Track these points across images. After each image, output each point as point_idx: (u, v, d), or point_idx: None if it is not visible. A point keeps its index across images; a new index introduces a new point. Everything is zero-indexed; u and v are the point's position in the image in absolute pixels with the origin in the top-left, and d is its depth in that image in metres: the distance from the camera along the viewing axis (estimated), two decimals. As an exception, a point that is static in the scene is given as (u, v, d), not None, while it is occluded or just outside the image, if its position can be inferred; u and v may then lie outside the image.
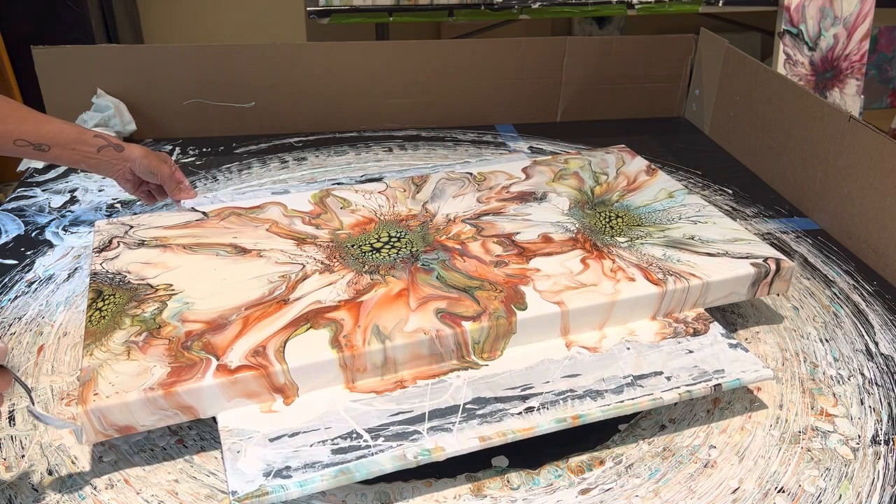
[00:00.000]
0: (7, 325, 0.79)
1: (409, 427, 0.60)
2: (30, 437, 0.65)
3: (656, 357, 0.69)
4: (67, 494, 0.59)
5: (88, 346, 0.64)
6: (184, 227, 0.82)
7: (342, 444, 0.58)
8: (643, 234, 0.83)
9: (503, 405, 0.63)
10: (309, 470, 0.56)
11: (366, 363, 0.64)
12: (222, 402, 0.61)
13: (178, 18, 1.96)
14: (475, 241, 0.80)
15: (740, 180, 1.17)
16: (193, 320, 0.67)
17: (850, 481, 0.62)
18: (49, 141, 0.76)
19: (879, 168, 0.92)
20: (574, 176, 0.96)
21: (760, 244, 0.81)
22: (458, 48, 1.32)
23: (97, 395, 0.58)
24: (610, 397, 0.64)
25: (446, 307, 0.69)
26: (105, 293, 0.71)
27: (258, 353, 0.63)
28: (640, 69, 1.38)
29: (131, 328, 0.66)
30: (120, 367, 0.61)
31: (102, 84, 1.20)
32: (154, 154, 0.88)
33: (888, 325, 0.83)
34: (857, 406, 0.71)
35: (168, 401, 0.59)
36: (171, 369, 0.61)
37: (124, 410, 0.58)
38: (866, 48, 1.60)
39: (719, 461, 0.64)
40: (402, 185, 0.93)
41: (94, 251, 0.77)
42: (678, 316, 0.74)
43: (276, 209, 0.86)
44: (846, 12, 1.57)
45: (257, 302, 0.70)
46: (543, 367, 0.67)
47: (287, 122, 1.29)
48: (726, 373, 0.67)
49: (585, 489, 0.61)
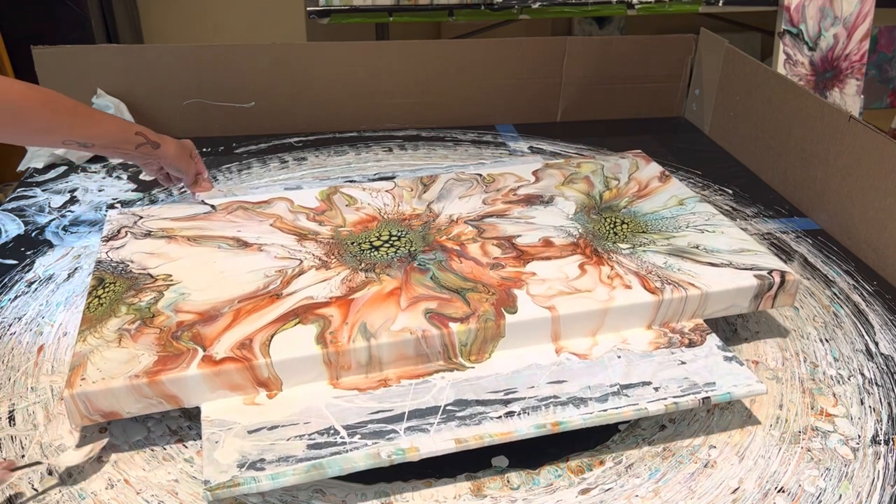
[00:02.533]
0: (7, 325, 0.79)
1: (387, 426, 0.60)
2: (30, 437, 0.65)
3: (647, 367, 0.67)
4: (67, 494, 0.59)
5: (83, 332, 0.65)
6: (190, 219, 0.84)
7: (318, 440, 0.59)
8: (647, 241, 0.81)
9: (484, 408, 0.62)
10: (282, 463, 0.57)
11: (350, 360, 0.65)
12: (206, 392, 0.62)
13: (178, 18, 1.96)
14: (475, 243, 0.80)
15: (740, 180, 1.17)
16: (187, 311, 0.68)
17: (850, 481, 0.62)
18: (94, 140, 0.80)
19: (879, 168, 0.92)
20: (584, 180, 0.95)
21: (767, 256, 0.79)
22: (458, 48, 1.32)
23: (84, 380, 0.60)
24: (593, 405, 0.63)
25: (436, 308, 0.69)
26: (106, 281, 0.72)
27: (244, 345, 0.64)
28: (640, 69, 1.38)
29: (126, 316, 0.67)
30: (110, 354, 0.63)
31: (102, 84, 1.20)
32: (184, 151, 0.91)
33: (888, 325, 0.83)
34: (857, 406, 0.71)
35: (152, 389, 0.60)
36: (157, 358, 0.62)
37: (109, 396, 0.60)
38: (866, 48, 1.60)
39: (719, 461, 0.64)
40: (410, 185, 0.93)
41: (103, 240, 0.79)
42: (675, 326, 0.73)
43: (282, 204, 0.88)
44: (846, 12, 1.57)
45: (251, 295, 0.70)
46: (530, 371, 0.67)
47: (287, 122, 1.29)
48: (717, 386, 0.65)
49: (585, 489, 0.61)
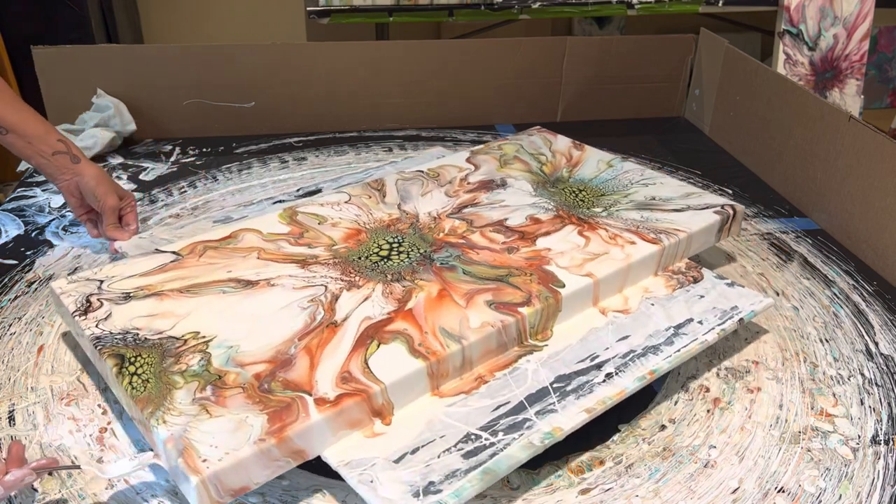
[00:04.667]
0: (7, 325, 0.79)
1: (517, 417, 0.61)
2: (30, 437, 0.65)
3: (680, 307, 0.75)
4: (67, 494, 0.59)
5: (153, 413, 0.57)
6: (163, 270, 0.75)
7: (467, 448, 0.58)
8: (612, 202, 0.89)
9: (584, 377, 0.66)
10: (453, 479, 0.55)
11: (448, 367, 0.64)
12: (329, 437, 0.58)
13: (178, 18, 1.96)
14: (473, 234, 0.82)
15: (740, 180, 1.17)
16: (251, 362, 0.62)
17: (850, 481, 0.62)
18: (10, 126, 0.74)
19: (879, 168, 0.92)
20: (516, 160, 1.00)
21: (709, 195, 0.91)
22: (458, 48, 1.32)
23: (206, 461, 0.52)
24: (666, 349, 0.69)
25: (493, 298, 0.70)
26: (128, 357, 0.63)
27: (346, 378, 0.60)
28: (640, 69, 1.38)
29: (188, 385, 0.59)
30: (208, 427, 0.55)
31: (102, 84, 1.20)
32: (110, 183, 0.84)
33: (888, 325, 0.83)
34: (857, 406, 0.71)
35: (280, 448, 0.55)
36: (268, 415, 0.56)
37: (239, 470, 0.53)
38: (866, 48, 1.60)
39: (719, 461, 0.64)
40: (364, 192, 0.91)
41: (76, 314, 0.68)
42: (673, 269, 0.82)
43: (251, 236, 0.81)
44: (846, 12, 1.57)
45: (305, 330, 0.66)
46: (594, 336, 0.71)
47: (287, 122, 1.29)
48: (740, 308, 0.75)
49: (585, 489, 0.61)
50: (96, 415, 0.67)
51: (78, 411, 0.68)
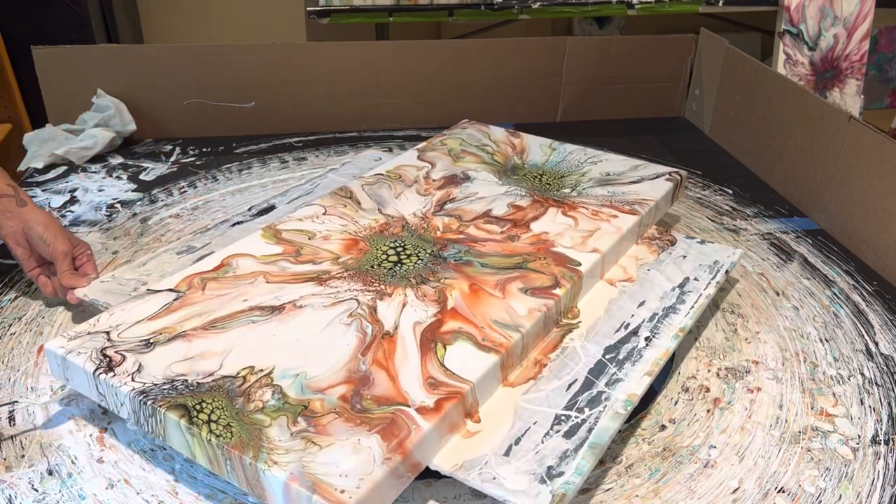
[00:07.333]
0: (7, 325, 0.79)
1: (592, 391, 0.64)
2: (30, 437, 0.65)
3: (673, 268, 0.81)
4: (67, 494, 0.59)
5: (257, 455, 0.53)
6: (171, 311, 0.68)
7: (564, 429, 0.60)
8: (575, 182, 0.93)
9: (629, 344, 0.69)
10: (567, 460, 0.57)
11: (514, 356, 0.66)
12: (436, 444, 0.57)
13: (178, 18, 1.96)
14: (468, 228, 0.83)
15: (740, 180, 1.17)
16: (328, 385, 0.60)
17: (850, 481, 0.62)
18: None
19: (879, 168, 0.92)
20: (466, 153, 1.02)
21: (654, 165, 0.98)
22: (458, 48, 1.32)
23: (344, 491, 0.50)
24: (682, 308, 0.74)
25: (524, 285, 0.72)
26: (191, 406, 0.57)
27: (433, 384, 0.60)
28: (640, 69, 1.38)
29: (276, 421, 0.56)
30: (325, 458, 0.53)
31: (102, 84, 1.20)
32: (60, 228, 0.77)
33: (888, 325, 0.83)
34: (857, 406, 0.71)
35: (405, 464, 0.54)
36: (380, 434, 0.55)
37: (376, 494, 0.52)
38: (866, 48, 1.60)
39: (719, 461, 0.64)
40: (338, 202, 0.88)
41: (99, 373, 0.60)
42: (648, 236, 0.88)
43: (245, 261, 0.76)
44: (846, 12, 1.57)
45: (364, 345, 0.64)
46: (614, 306, 0.75)
47: (287, 122, 1.30)
48: (721, 262, 0.82)
49: (585, 489, 0.61)
50: (96, 415, 0.67)
51: (78, 411, 0.68)
